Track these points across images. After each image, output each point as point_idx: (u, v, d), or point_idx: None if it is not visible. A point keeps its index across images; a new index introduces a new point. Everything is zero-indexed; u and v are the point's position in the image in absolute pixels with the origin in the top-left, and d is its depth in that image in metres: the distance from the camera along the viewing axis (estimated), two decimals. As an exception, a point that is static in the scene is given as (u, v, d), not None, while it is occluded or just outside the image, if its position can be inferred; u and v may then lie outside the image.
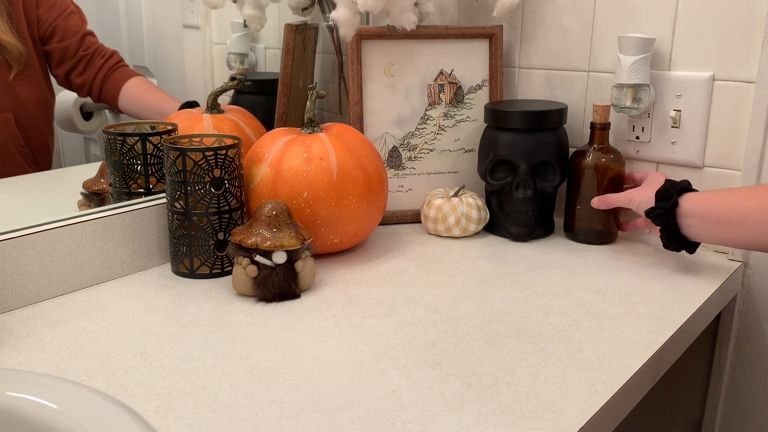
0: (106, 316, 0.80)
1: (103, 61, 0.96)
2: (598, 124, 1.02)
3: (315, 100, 0.97)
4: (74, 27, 0.95)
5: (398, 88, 1.13)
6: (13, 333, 0.75)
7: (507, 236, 1.07)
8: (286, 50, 1.17)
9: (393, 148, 1.14)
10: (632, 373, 0.67)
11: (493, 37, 1.13)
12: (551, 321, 0.78)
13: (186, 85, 1.14)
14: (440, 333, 0.75)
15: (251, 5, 1.12)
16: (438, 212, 1.05)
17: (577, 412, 0.60)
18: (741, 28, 0.93)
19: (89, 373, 0.67)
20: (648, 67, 0.98)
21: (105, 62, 0.96)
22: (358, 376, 0.66)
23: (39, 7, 0.91)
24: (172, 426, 0.58)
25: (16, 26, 0.89)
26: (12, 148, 0.92)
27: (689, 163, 1.01)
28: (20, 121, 0.92)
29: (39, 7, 0.91)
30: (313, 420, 0.59)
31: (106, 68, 0.97)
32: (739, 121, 0.96)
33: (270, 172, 0.92)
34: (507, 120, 1.04)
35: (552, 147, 1.03)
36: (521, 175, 1.03)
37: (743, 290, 0.98)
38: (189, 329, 0.76)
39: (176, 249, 0.90)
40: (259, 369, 0.67)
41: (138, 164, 0.94)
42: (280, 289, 0.83)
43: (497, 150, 1.04)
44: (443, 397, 0.63)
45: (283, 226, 0.84)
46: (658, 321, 0.78)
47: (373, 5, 1.00)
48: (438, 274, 0.92)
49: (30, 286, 0.82)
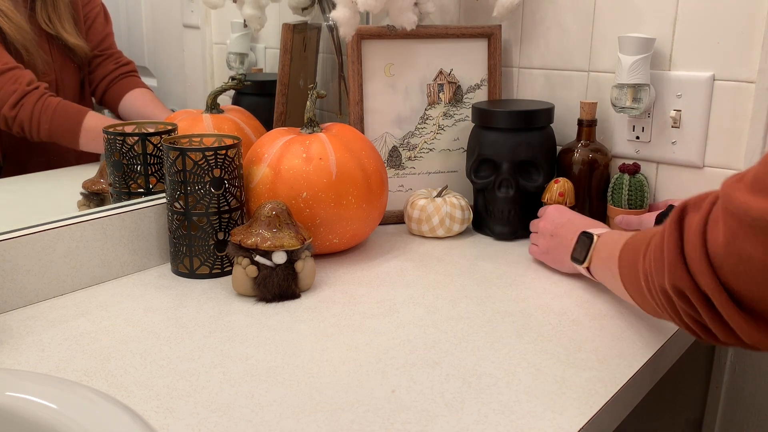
0: (106, 316, 0.80)
1: (116, 66, 0.97)
2: (585, 121, 1.04)
3: (315, 100, 0.97)
4: (101, 25, 0.96)
5: (398, 87, 1.13)
6: (13, 333, 0.75)
7: (491, 235, 1.07)
8: (284, 50, 1.17)
9: (393, 148, 1.14)
10: (632, 373, 0.67)
11: (492, 36, 1.13)
12: (551, 321, 0.78)
13: (186, 85, 1.14)
14: (440, 333, 0.75)
15: (251, 5, 1.12)
16: (422, 213, 1.05)
17: (577, 412, 0.60)
18: (741, 28, 0.93)
19: (89, 373, 0.67)
20: (648, 67, 0.98)
21: (117, 68, 0.98)
22: (358, 376, 0.66)
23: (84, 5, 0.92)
24: (172, 426, 0.58)
25: (79, 29, 0.91)
26: None
27: (689, 163, 1.01)
28: None
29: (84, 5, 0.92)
30: (313, 420, 0.59)
31: (117, 74, 0.98)
32: (739, 121, 0.96)
33: (269, 172, 0.92)
34: (492, 119, 1.04)
35: (536, 147, 1.04)
36: (503, 174, 1.04)
37: (743, 290, 0.98)
38: (189, 329, 0.76)
39: (176, 249, 0.90)
40: (259, 369, 0.67)
41: (138, 164, 0.94)
42: (280, 289, 0.83)
43: (481, 148, 1.05)
44: (443, 397, 0.63)
45: (283, 226, 0.84)
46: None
47: (373, 5, 1.00)
48: (438, 274, 0.92)
49: (30, 286, 0.82)
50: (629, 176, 1.02)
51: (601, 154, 1.05)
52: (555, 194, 1.01)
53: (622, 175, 1.03)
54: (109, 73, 0.97)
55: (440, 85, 1.14)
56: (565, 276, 0.91)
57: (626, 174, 1.02)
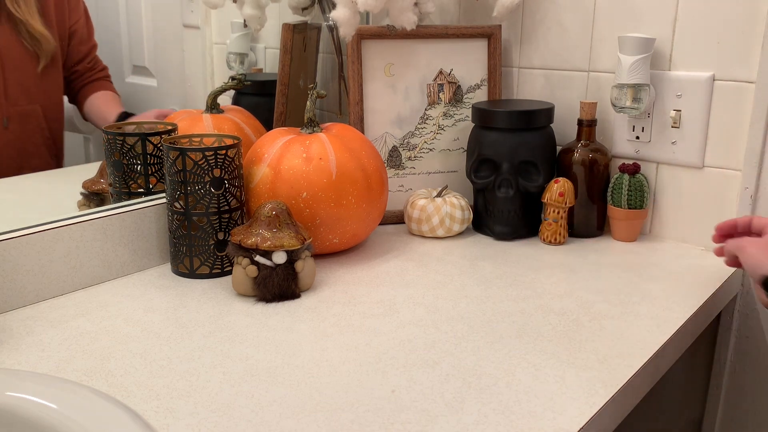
0: (106, 316, 0.80)
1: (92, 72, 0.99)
2: (585, 121, 1.05)
3: (315, 99, 0.97)
4: (87, 34, 0.97)
5: (398, 87, 1.13)
6: (13, 333, 0.75)
7: (491, 235, 1.07)
8: (284, 50, 1.17)
9: (393, 148, 1.14)
10: (632, 373, 0.67)
11: (492, 36, 1.13)
12: (551, 321, 0.78)
13: (186, 85, 1.14)
14: (440, 333, 0.75)
15: (251, 5, 1.12)
16: (422, 213, 1.05)
17: (577, 412, 0.60)
18: (741, 28, 0.93)
19: (89, 373, 0.67)
20: (648, 67, 0.98)
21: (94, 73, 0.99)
22: (358, 376, 0.66)
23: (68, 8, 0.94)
24: (172, 426, 0.58)
25: (48, 21, 0.91)
26: (39, 140, 0.93)
27: (689, 163, 1.01)
28: (47, 114, 0.94)
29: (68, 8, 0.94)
30: (313, 420, 0.59)
31: (90, 77, 0.99)
32: (739, 121, 0.96)
33: (269, 172, 0.92)
34: (491, 119, 1.04)
35: (536, 147, 1.04)
36: (503, 174, 1.04)
37: (743, 290, 0.98)
38: (189, 329, 0.76)
39: (176, 249, 0.90)
40: (258, 369, 0.67)
41: (138, 164, 0.94)
42: (280, 289, 0.83)
43: (481, 149, 1.05)
44: (443, 397, 0.63)
45: (283, 226, 0.84)
46: (658, 321, 0.78)
47: (373, 5, 1.00)
48: (438, 274, 0.92)
49: (30, 286, 0.82)
50: (629, 176, 1.02)
51: (601, 154, 1.05)
52: (555, 194, 1.01)
53: (622, 175, 1.03)
54: (84, 75, 0.98)
55: (440, 85, 1.14)
56: (565, 276, 0.91)
57: (626, 174, 1.02)
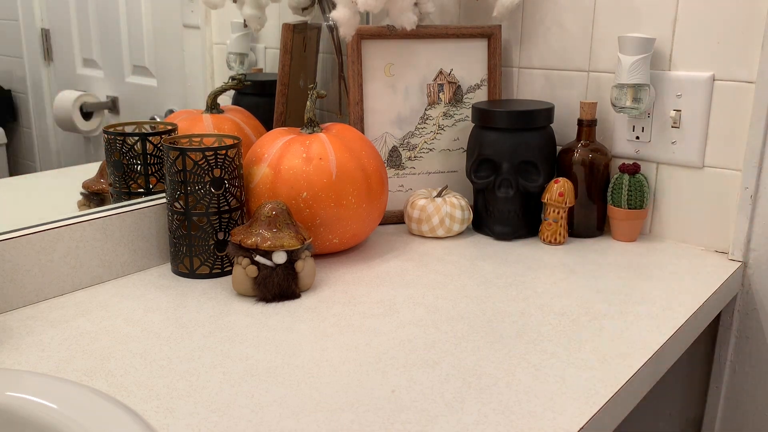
0: (106, 316, 0.80)
1: None
2: (585, 121, 1.04)
3: (315, 99, 0.97)
4: None
5: (398, 87, 1.13)
6: (13, 333, 0.75)
7: (491, 235, 1.07)
8: (284, 50, 1.17)
9: (393, 148, 1.14)
10: (632, 373, 0.67)
11: (492, 36, 1.13)
12: (551, 321, 0.78)
13: (186, 85, 1.14)
14: (440, 333, 0.75)
15: (251, 5, 1.12)
16: (422, 213, 1.05)
17: (577, 412, 0.60)
18: (741, 28, 0.93)
19: (89, 373, 0.67)
20: (648, 67, 0.98)
21: None
22: (358, 376, 0.66)
23: None
24: (172, 426, 0.58)
25: None
26: None
27: (689, 163, 1.01)
28: None
29: None
30: (313, 420, 0.59)
31: None
32: (739, 121, 0.96)
33: (269, 172, 0.92)
34: (491, 119, 1.04)
35: (536, 147, 1.04)
36: (503, 174, 1.04)
37: (743, 290, 0.98)
38: (189, 329, 0.76)
39: (176, 249, 0.90)
40: (258, 369, 0.67)
41: (138, 164, 0.94)
42: (280, 289, 0.83)
43: (481, 149, 1.05)
44: (443, 397, 0.63)
45: (283, 226, 0.84)
46: (658, 321, 0.78)
47: (373, 5, 1.00)
48: (438, 274, 0.92)
49: (30, 286, 0.82)
50: (629, 176, 1.02)
51: (601, 154, 1.05)
52: (555, 194, 1.01)
53: (622, 175, 1.03)
54: None
55: (440, 85, 1.14)
56: (565, 276, 0.91)
57: (626, 174, 1.02)
